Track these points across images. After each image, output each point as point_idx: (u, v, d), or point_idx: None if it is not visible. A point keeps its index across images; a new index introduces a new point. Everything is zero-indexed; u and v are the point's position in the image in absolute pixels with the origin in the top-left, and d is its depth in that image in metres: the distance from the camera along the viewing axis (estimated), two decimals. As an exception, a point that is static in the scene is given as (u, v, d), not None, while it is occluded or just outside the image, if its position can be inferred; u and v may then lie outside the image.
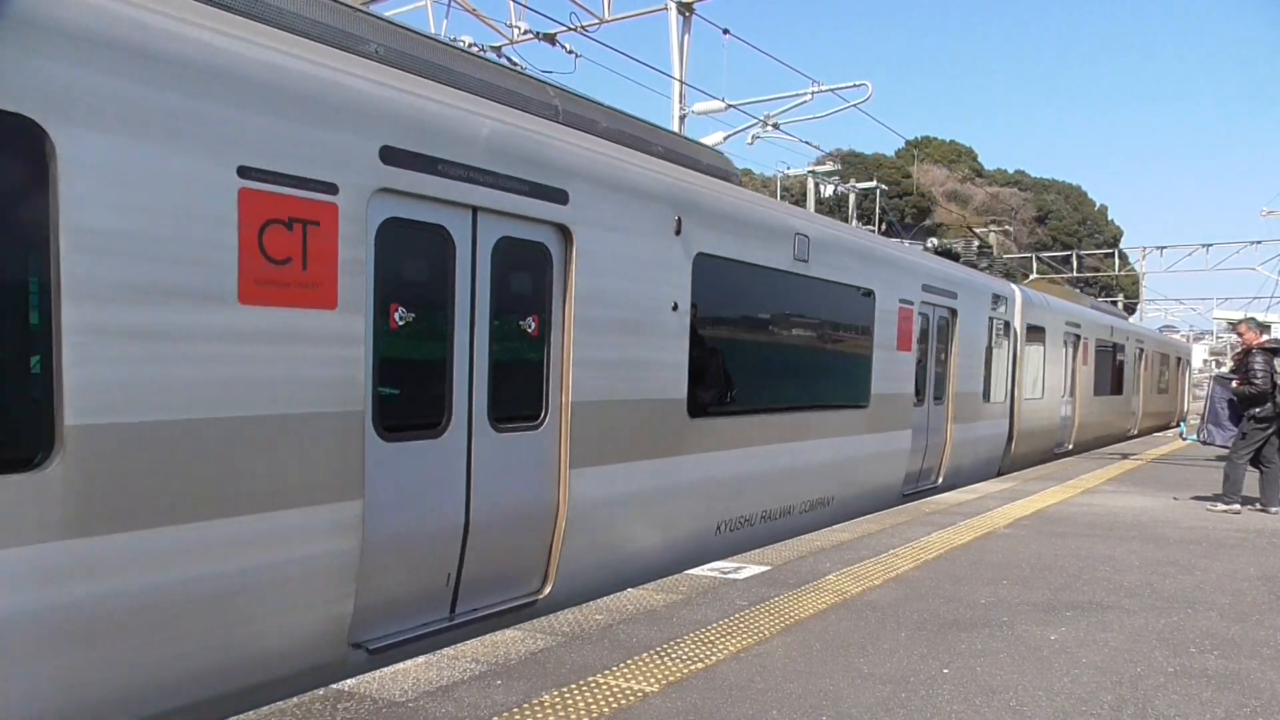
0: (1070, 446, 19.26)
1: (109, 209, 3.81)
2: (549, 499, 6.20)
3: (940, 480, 12.90)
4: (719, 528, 8.02)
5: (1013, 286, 16.00)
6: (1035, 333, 16.40)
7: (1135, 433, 25.75)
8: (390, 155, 4.94)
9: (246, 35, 4.38)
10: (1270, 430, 10.24)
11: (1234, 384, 10.62)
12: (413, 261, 5.28)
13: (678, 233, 7.22)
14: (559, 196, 6.08)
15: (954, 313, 12.85)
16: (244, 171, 4.26)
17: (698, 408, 7.58)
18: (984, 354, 14.08)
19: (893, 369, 10.99)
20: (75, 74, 3.66)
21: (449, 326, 5.45)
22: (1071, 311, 19.25)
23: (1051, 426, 18.06)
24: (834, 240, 9.74)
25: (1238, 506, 10.40)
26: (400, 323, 5.16)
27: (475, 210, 5.54)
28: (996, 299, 14.58)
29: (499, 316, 5.76)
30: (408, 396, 5.31)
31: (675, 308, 7.25)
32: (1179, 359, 34.98)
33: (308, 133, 4.54)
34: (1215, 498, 10.78)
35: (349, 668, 4.85)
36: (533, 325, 6.07)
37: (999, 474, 14.96)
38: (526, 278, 6.02)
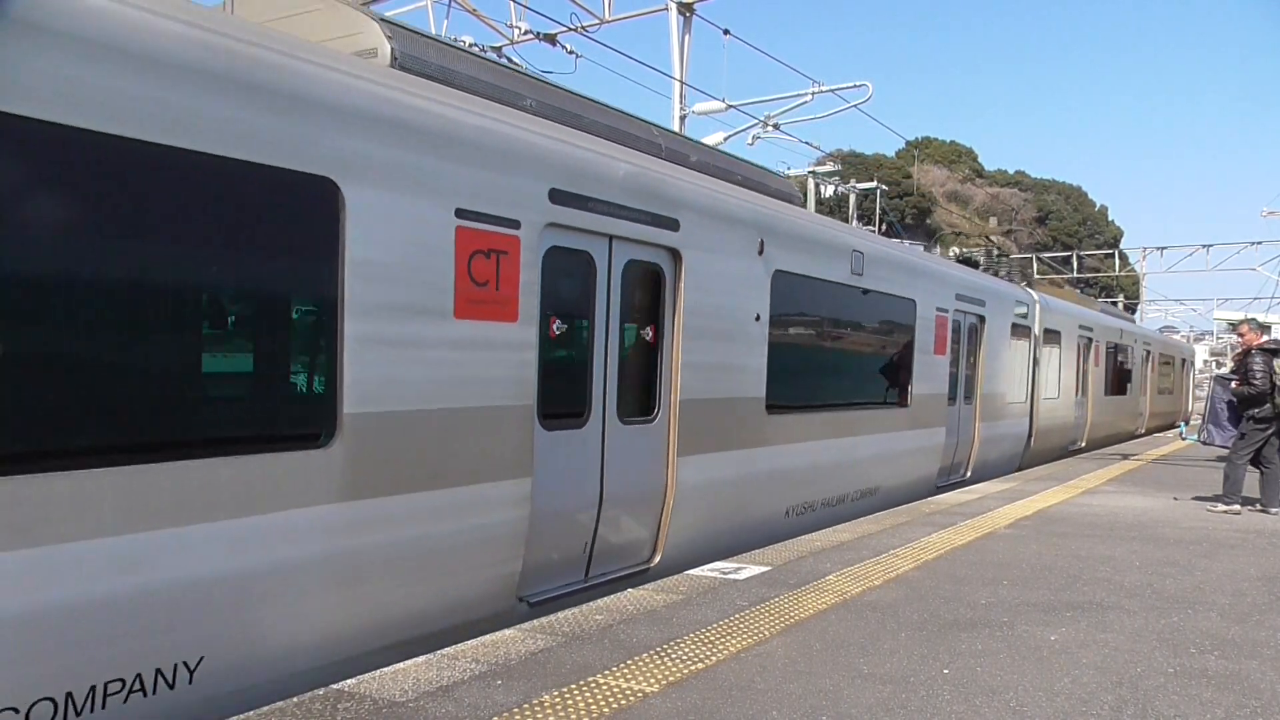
0: (1083, 444, 20.02)
1: (375, 245, 4.93)
2: (660, 482, 7.29)
3: (969, 474, 13.80)
4: (788, 511, 9.09)
5: (1032, 293, 16.90)
6: (1051, 336, 17.23)
7: (1143, 431, 26.29)
8: (556, 195, 6.08)
9: (462, 104, 5.60)
10: (1270, 431, 10.23)
11: (1233, 384, 10.61)
12: (566, 282, 6.38)
13: (760, 253, 8.32)
14: (672, 225, 7.18)
15: (982, 319, 13.79)
16: (459, 213, 5.40)
17: (773, 405, 8.58)
18: (1008, 357, 14.99)
19: (930, 371, 11.99)
20: (357, 145, 4.81)
21: (590, 335, 6.58)
22: (1084, 316, 20.09)
23: (1067, 425, 18.90)
24: (883, 255, 10.90)
25: (1238, 507, 10.39)
26: (557, 332, 6.31)
27: (611, 238, 6.67)
28: (1019, 305, 15.56)
29: (625, 327, 6.88)
30: (561, 393, 6.40)
31: (758, 318, 8.35)
32: (1183, 360, 35.82)
33: (501, 179, 5.69)
34: (1215, 498, 10.78)
35: (515, 617, 5.88)
36: (650, 334, 7.22)
37: (1019, 469, 15.67)
38: (646, 294, 7.15)
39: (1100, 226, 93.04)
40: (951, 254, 17.51)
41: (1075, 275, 50.66)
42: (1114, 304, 48.50)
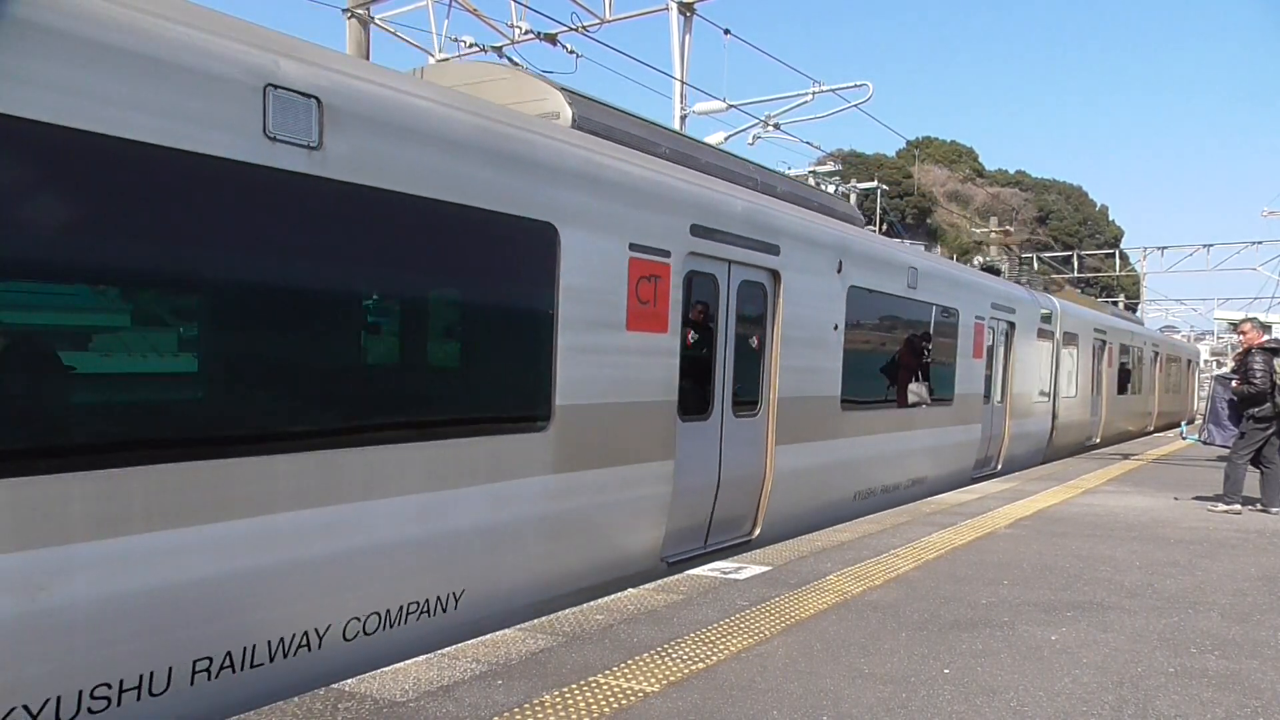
0: (1098, 440, 21.37)
1: (578, 273, 6.29)
2: (761, 467, 8.55)
3: (999, 467, 15.08)
4: (855, 495, 10.36)
5: (1054, 300, 18.34)
6: (1070, 339, 18.58)
7: (1152, 428, 27.51)
8: (694, 229, 7.43)
9: (630, 159, 7.00)
10: (1270, 430, 10.22)
11: (1234, 384, 10.61)
12: (698, 299, 7.70)
13: (839, 271, 9.62)
14: (774, 250, 8.47)
15: (1012, 325, 15.10)
16: (631, 246, 6.76)
17: (846, 403, 9.89)
18: (1035, 360, 16.35)
19: (970, 373, 13.38)
20: (568, 196, 6.21)
21: (713, 343, 7.86)
22: (1100, 320, 21.57)
23: (1084, 422, 20.19)
24: (934, 270, 12.36)
25: (1238, 507, 10.39)
26: (691, 341, 7.60)
27: (730, 263, 7.97)
28: (1043, 311, 16.89)
29: (738, 336, 8.12)
30: (693, 391, 7.63)
31: (836, 327, 9.65)
32: (1189, 361, 37.07)
33: (659, 218, 7.05)
34: (1216, 498, 10.79)
35: (656, 574, 7.12)
36: (755, 342, 8.46)
37: (1042, 462, 16.95)
38: (753, 308, 8.40)
39: (1101, 226, 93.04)
40: (975, 262, 18.36)
41: (1075, 275, 50.63)
42: (1114, 304, 48.52)
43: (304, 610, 4.74)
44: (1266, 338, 10.45)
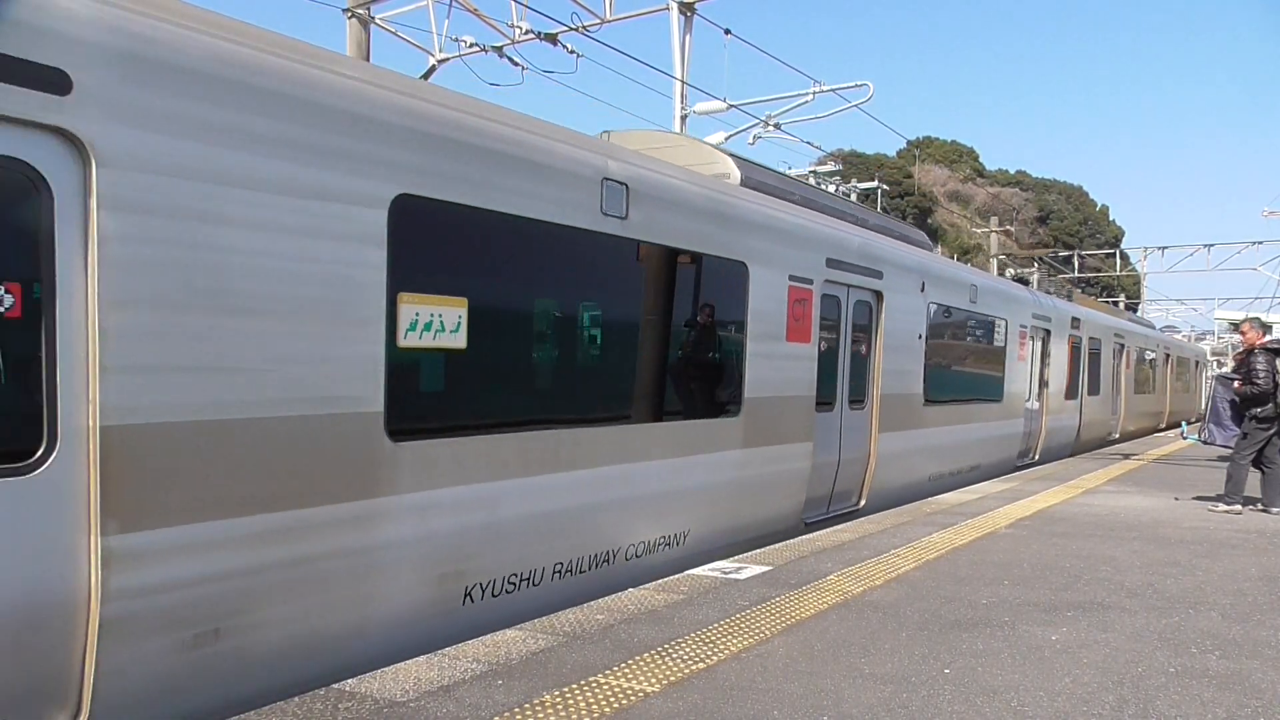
0: (1117, 435, 23.16)
1: (758, 299, 8.27)
2: (867, 450, 10.60)
3: (1037, 457, 16.97)
4: (929, 477, 12.33)
5: (1080, 308, 20.42)
6: (1094, 344, 20.52)
7: (1164, 426, 29.44)
8: (828, 261, 9.39)
9: (791, 210, 9.11)
10: (1272, 431, 10.24)
11: (1236, 384, 10.59)
12: (826, 317, 9.51)
13: (921, 290, 11.66)
14: (878, 275, 10.47)
15: (1047, 333, 16.99)
16: (790, 277, 8.73)
17: (926, 400, 11.87)
18: (1066, 363, 18.27)
19: (1015, 375, 15.29)
20: (755, 242, 8.22)
21: (837, 350, 9.86)
22: (1118, 325, 23.56)
23: (1105, 419, 22.16)
24: (989, 285, 14.56)
25: (1239, 507, 10.41)
26: (822, 349, 9.41)
27: (849, 287, 9.95)
28: (1075, 321, 18.89)
29: (853, 345, 10.15)
30: (823, 388, 9.48)
31: (920, 337, 11.67)
32: (1196, 361, 38.92)
33: (807, 254, 9.04)
34: (1217, 498, 10.80)
35: (797, 532, 9.01)
36: (864, 349, 10.43)
37: (1071, 455, 18.82)
38: (863, 322, 10.35)
39: (1101, 226, 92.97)
40: (1009, 274, 21.96)
41: (1076, 275, 50.61)
42: (1115, 304, 48.52)
43: (608, 536, 6.80)
44: (1268, 338, 10.48)
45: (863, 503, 10.55)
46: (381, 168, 4.96)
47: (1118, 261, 58.70)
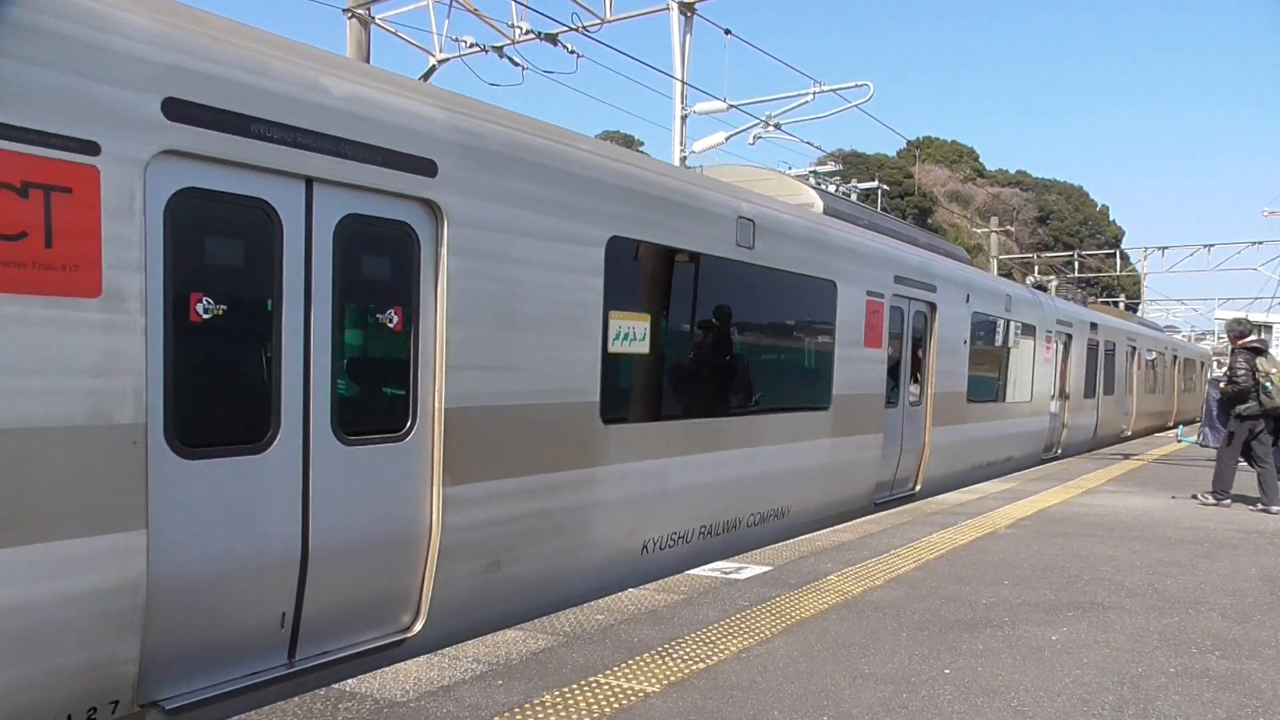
0: (1129, 432, 24.66)
1: (843, 311, 9.66)
2: (922, 441, 12.12)
3: (1060, 451, 18.53)
4: (972, 467, 13.77)
5: (1096, 313, 22.33)
6: (1110, 347, 22.10)
7: (1171, 423, 30.83)
8: (895, 279, 10.91)
9: (868, 236, 10.57)
10: (1260, 429, 10.42)
11: (1222, 385, 10.86)
12: (893, 326, 11.03)
13: (966, 301, 13.11)
14: (933, 289, 11.98)
15: (1070, 337, 18.50)
16: (867, 293, 10.15)
17: (969, 399, 13.39)
18: (1085, 364, 19.85)
19: (1043, 375, 16.86)
20: (840, 263, 9.47)
21: (900, 351, 11.36)
22: (1131, 330, 25.15)
23: (1119, 416, 23.69)
24: (1020, 295, 16.05)
25: (1228, 501, 10.69)
26: (890, 353, 10.96)
27: (910, 299, 11.49)
28: (1092, 326, 20.42)
29: (913, 350, 11.71)
30: (890, 387, 11.02)
31: (965, 342, 13.12)
32: (1201, 363, 40.06)
33: (880, 272, 10.53)
34: (1206, 493, 11.00)
35: (868, 510, 10.54)
36: (921, 354, 11.96)
37: (1089, 450, 20.25)
38: (920, 331, 11.92)
39: (1101, 226, 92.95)
40: (1028, 281, 23.17)
41: (1076, 275, 50.59)
42: (1115, 304, 48.48)
43: (735, 506, 8.26)
44: (1252, 338, 10.74)
45: (918, 488, 12.03)
46: (601, 217, 6.52)
47: (1118, 261, 58.69)
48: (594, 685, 4.35)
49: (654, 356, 7.20)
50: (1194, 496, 11.05)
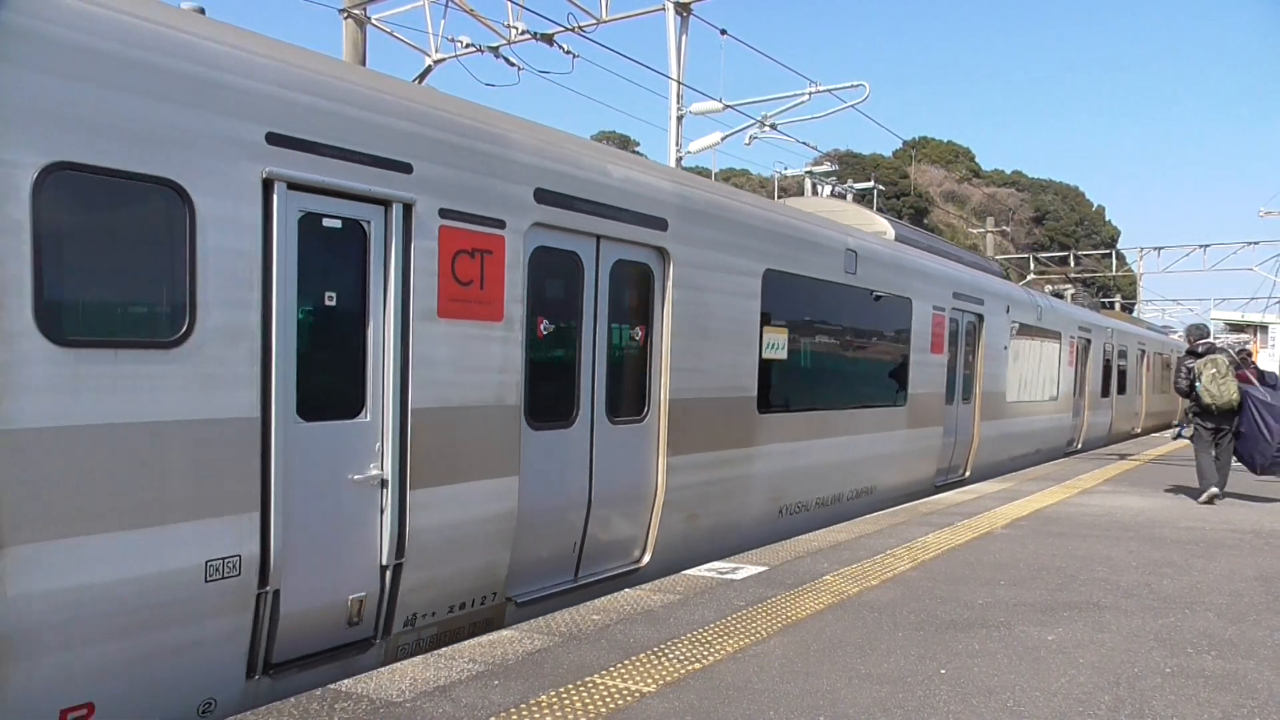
0: (1140, 430, 26.83)
1: (917, 323, 11.65)
2: (971, 433, 13.97)
3: (1080, 446, 20.37)
4: (1010, 458, 15.73)
5: (1111, 320, 24.56)
6: (1122, 351, 24.21)
7: (1177, 421, 32.54)
8: (954, 294, 12.79)
9: (934, 259, 12.64)
10: (1213, 425, 11.06)
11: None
12: (951, 333, 12.85)
13: (1007, 311, 15.06)
14: (980, 302, 13.81)
15: (1088, 341, 20.53)
16: (934, 307, 12.01)
17: (1008, 398, 15.42)
18: (1101, 366, 21.92)
19: (1067, 377, 18.96)
20: (915, 282, 11.61)
21: (955, 358, 13.15)
22: (1142, 334, 27.66)
23: (1131, 414, 25.80)
24: (1049, 305, 18.27)
25: (1215, 490, 10.97)
26: (947, 357, 12.71)
27: (964, 311, 13.31)
28: (1109, 331, 22.59)
29: (965, 353, 13.59)
30: (950, 387, 12.92)
31: (1005, 347, 15.05)
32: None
33: (942, 289, 12.35)
34: (1198, 492, 11.25)
35: (929, 492, 12.23)
36: (969, 357, 13.77)
37: (1105, 445, 22.21)
38: (970, 337, 13.74)
39: (1097, 226, 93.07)
40: (1047, 289, 26.11)
41: (1073, 275, 50.64)
42: (1111, 304, 48.56)
43: (838, 483, 10.12)
44: (1199, 342, 11.28)
45: (968, 473, 13.92)
46: (759, 254, 8.49)
47: (1114, 262, 58.64)
48: (590, 685, 4.34)
49: (790, 361, 9.13)
50: (1199, 501, 11.06)
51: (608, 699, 4.17)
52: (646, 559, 7.35)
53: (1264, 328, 39.74)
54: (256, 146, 4.50)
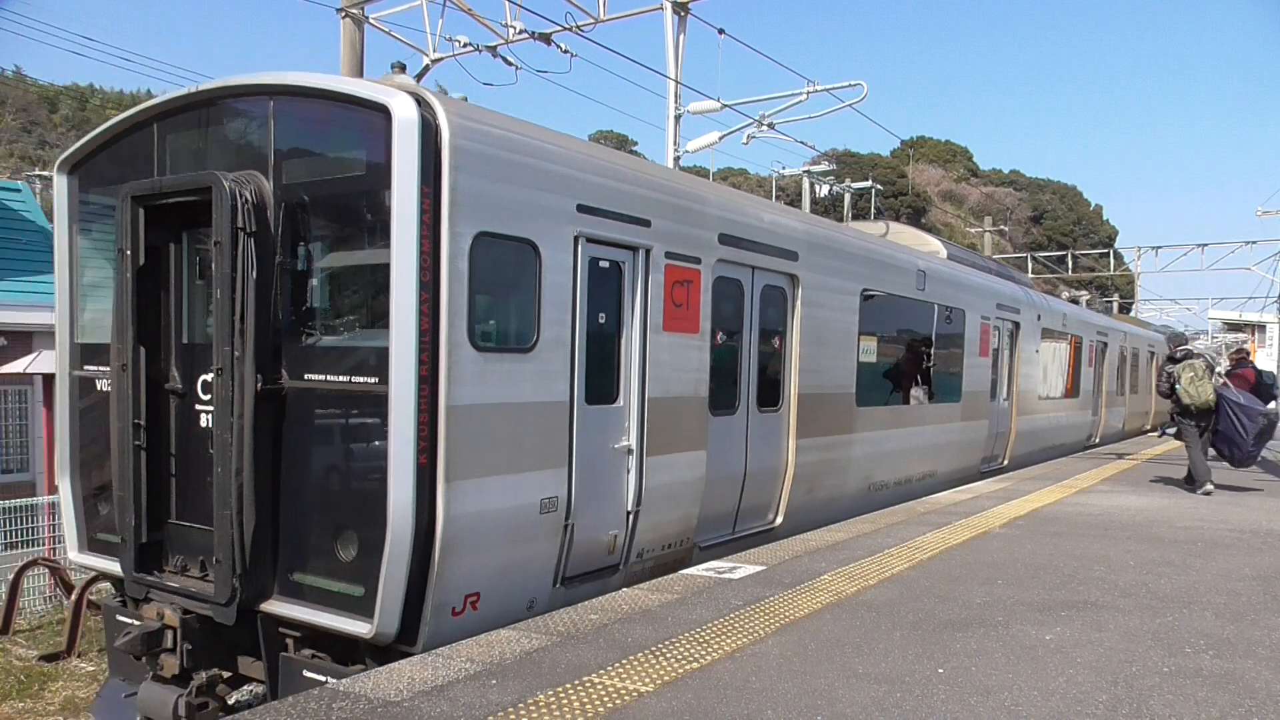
0: (1149, 427, 28.74)
1: (969, 330, 13.52)
2: (1009, 427, 15.60)
3: (1098, 440, 22.11)
4: (1040, 449, 17.41)
5: (1127, 325, 26.67)
6: (1134, 353, 25.87)
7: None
8: (997, 305, 14.57)
9: (978, 275, 14.64)
10: (1195, 423, 12.06)
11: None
12: (993, 339, 14.40)
13: (1038, 319, 16.67)
14: (1017, 311, 15.44)
15: (1105, 344, 22.22)
16: (981, 316, 13.94)
17: (1039, 396, 17.06)
18: (1116, 367, 23.56)
19: (1087, 377, 20.68)
20: (968, 296, 13.49)
21: (998, 362, 14.73)
22: (1151, 338, 29.42)
23: (1141, 413, 27.80)
24: (1075, 314, 20.06)
25: (1209, 486, 11.93)
26: (1006, 359, 15.33)
27: (1004, 319, 14.82)
28: (1123, 335, 24.35)
29: (1008, 358, 15.29)
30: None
31: (1036, 351, 16.69)
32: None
33: (987, 301, 14.16)
34: (1191, 487, 12.29)
35: (977, 477, 13.94)
36: (1007, 360, 15.38)
37: (1119, 440, 23.68)
38: (1009, 342, 15.49)
39: (1095, 226, 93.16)
40: (1064, 296, 27.67)
41: (1070, 275, 50.66)
42: (1109, 304, 48.58)
43: (908, 467, 11.82)
44: (1178, 349, 12.53)
45: (1007, 462, 15.52)
46: (857, 277, 10.23)
47: (1111, 261, 58.60)
48: (588, 685, 4.34)
49: (877, 363, 10.82)
50: (1199, 493, 11.97)
51: (605, 698, 4.16)
52: (779, 520, 9.09)
53: (1261, 327, 39.78)
54: (572, 214, 6.34)
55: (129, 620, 6.38)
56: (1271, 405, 12.55)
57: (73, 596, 10.41)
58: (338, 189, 5.78)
